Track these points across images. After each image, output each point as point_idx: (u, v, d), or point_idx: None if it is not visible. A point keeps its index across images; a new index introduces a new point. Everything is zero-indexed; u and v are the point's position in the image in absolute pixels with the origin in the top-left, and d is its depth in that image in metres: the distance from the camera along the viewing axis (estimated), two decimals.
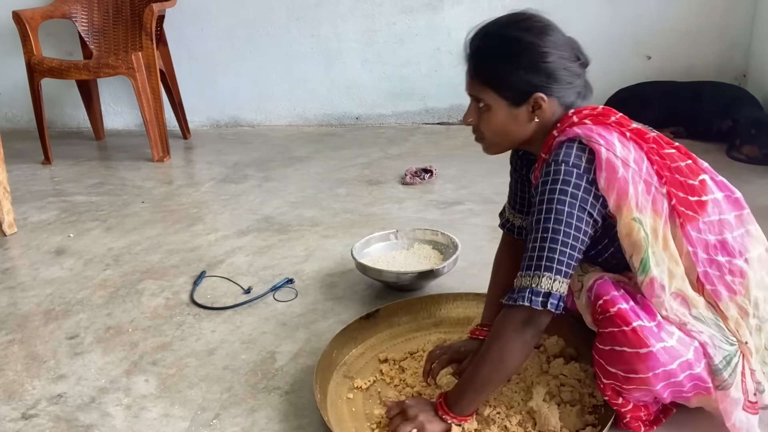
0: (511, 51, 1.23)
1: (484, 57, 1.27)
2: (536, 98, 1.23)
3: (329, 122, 4.05)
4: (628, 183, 1.17)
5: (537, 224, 1.18)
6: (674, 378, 1.18)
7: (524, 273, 1.19)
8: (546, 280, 1.16)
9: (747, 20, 3.58)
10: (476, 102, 1.28)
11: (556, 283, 1.16)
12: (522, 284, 1.19)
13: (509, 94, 1.24)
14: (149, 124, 3.33)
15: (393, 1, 3.79)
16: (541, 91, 1.22)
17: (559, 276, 1.16)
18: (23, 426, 1.44)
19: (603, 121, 1.23)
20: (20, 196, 2.87)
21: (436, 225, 2.34)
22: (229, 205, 2.76)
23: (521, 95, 1.23)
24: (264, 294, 1.97)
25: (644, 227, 1.18)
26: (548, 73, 1.22)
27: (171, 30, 3.68)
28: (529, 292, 1.17)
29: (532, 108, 1.24)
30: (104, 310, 1.93)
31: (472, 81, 1.29)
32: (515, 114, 1.25)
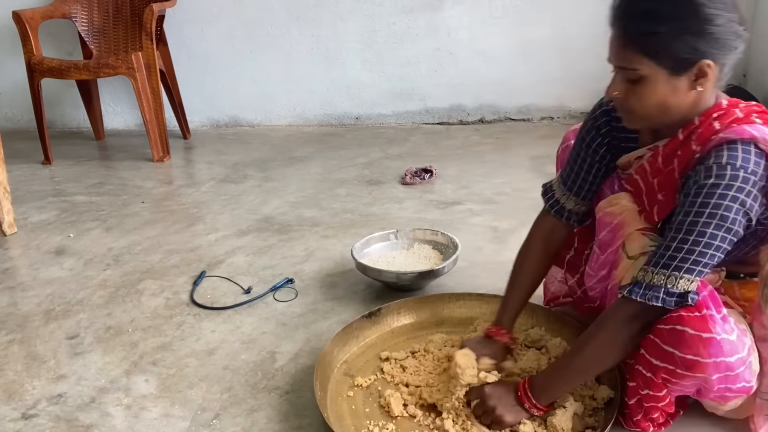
0: (677, 14, 1.07)
1: (643, 20, 1.10)
2: (701, 65, 1.09)
3: (329, 122, 4.05)
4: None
5: (691, 225, 1.09)
6: (730, 372, 1.12)
7: (659, 270, 1.12)
8: (684, 281, 1.11)
9: (747, 20, 3.58)
10: (626, 74, 1.15)
11: (693, 284, 1.12)
12: (654, 281, 1.12)
13: (672, 63, 1.09)
14: (149, 124, 3.33)
15: (393, 1, 3.79)
16: (708, 57, 1.08)
17: (698, 277, 1.11)
18: (23, 426, 1.44)
19: (752, 112, 1.14)
20: (20, 196, 2.87)
21: (436, 225, 2.35)
22: (229, 205, 2.76)
23: (685, 63, 1.09)
24: (264, 294, 1.97)
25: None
26: (716, 38, 1.07)
27: (171, 30, 3.68)
28: (664, 293, 1.11)
29: (695, 77, 1.11)
30: (104, 310, 1.93)
31: (624, 49, 1.13)
32: (675, 85, 1.11)
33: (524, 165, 3.12)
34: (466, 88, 3.92)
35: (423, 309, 1.71)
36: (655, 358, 1.17)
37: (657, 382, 1.19)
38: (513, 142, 3.53)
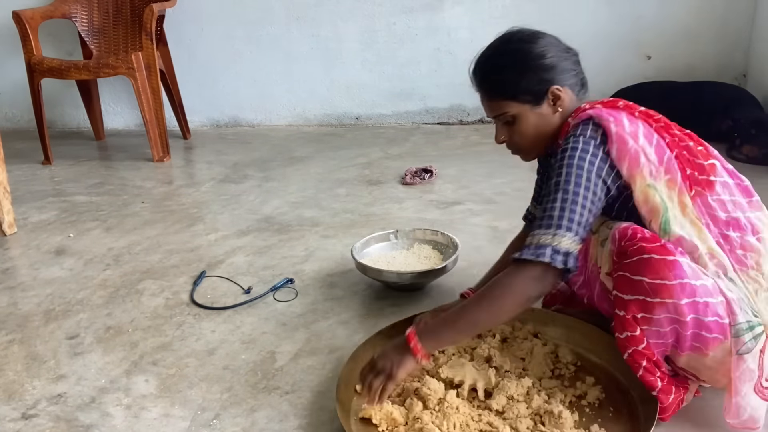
0: (515, 60, 1.35)
1: (494, 77, 1.38)
2: (553, 91, 1.34)
3: (329, 122, 4.06)
4: (639, 153, 1.25)
5: (556, 186, 1.25)
6: (697, 297, 1.18)
7: (543, 231, 1.22)
8: (566, 240, 1.21)
9: (747, 20, 3.58)
10: (501, 119, 1.41)
11: (574, 243, 1.21)
12: (541, 241, 1.22)
13: (528, 97, 1.35)
14: (149, 124, 3.33)
15: (393, 1, 3.79)
16: (554, 83, 1.34)
17: (577, 237, 1.21)
18: (23, 426, 1.44)
19: (612, 105, 1.35)
20: (20, 196, 2.87)
21: (436, 225, 2.35)
22: (229, 205, 2.76)
23: (539, 93, 1.35)
24: (264, 294, 1.97)
25: (659, 193, 1.25)
26: (553, 67, 1.34)
27: (171, 30, 3.69)
28: (551, 250, 1.20)
29: (552, 101, 1.36)
30: (104, 310, 1.93)
31: (491, 102, 1.40)
32: (540, 113, 1.37)
33: (524, 165, 3.08)
34: (466, 88, 3.82)
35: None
36: (626, 293, 1.23)
37: (628, 319, 1.23)
38: None
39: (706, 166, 1.30)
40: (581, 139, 1.27)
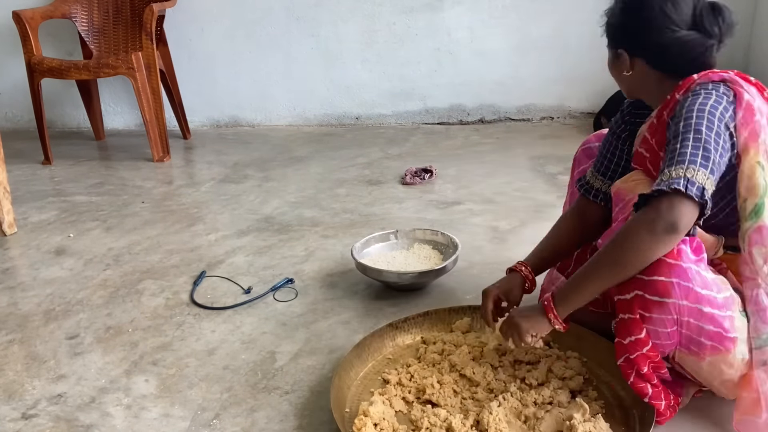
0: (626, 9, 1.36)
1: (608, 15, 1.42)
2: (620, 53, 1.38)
3: (329, 122, 4.05)
4: (761, 128, 1.21)
5: (685, 129, 1.17)
6: (700, 305, 1.16)
7: (675, 167, 1.12)
8: (701, 174, 1.11)
9: (747, 20, 3.58)
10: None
11: (709, 181, 1.12)
12: (673, 175, 1.11)
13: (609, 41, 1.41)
14: (149, 124, 3.33)
15: (393, 1, 3.79)
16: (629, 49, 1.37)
17: (712, 176, 1.13)
18: (23, 426, 1.44)
19: (744, 77, 1.28)
20: (20, 196, 2.87)
21: (436, 225, 2.35)
22: (229, 205, 2.76)
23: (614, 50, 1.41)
24: (264, 294, 1.97)
25: (765, 175, 1.19)
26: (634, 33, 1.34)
27: (171, 30, 3.69)
28: (686, 180, 1.10)
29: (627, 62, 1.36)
30: (104, 310, 1.93)
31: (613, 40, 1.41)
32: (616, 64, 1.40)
33: (524, 165, 3.12)
34: (466, 88, 3.92)
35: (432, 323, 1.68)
36: (628, 292, 1.21)
37: (635, 318, 1.20)
38: (513, 142, 3.53)
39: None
40: (713, 91, 1.22)
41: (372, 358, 1.55)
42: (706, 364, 1.23)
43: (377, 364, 1.54)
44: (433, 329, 1.65)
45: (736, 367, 1.22)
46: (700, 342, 1.20)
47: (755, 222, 1.19)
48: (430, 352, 1.55)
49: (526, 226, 2.36)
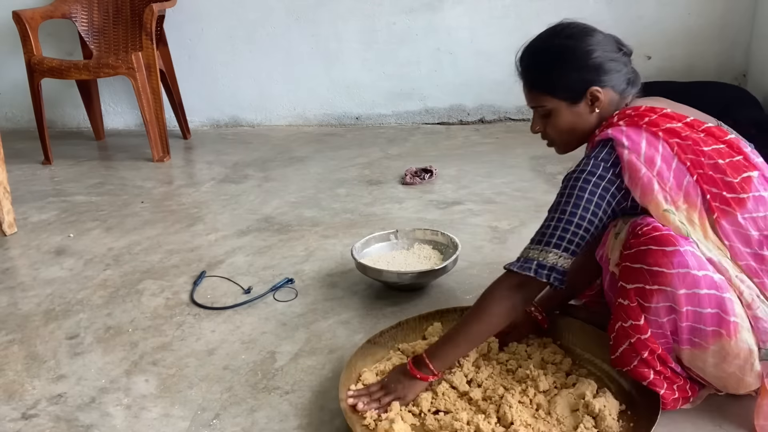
0: (560, 57, 1.36)
1: (536, 70, 1.39)
2: (592, 92, 1.34)
3: (329, 122, 4.05)
4: (652, 181, 1.25)
5: (557, 205, 1.30)
6: (697, 288, 1.19)
7: (533, 246, 1.31)
8: (553, 255, 1.27)
9: (747, 20, 3.58)
10: (539, 111, 1.41)
11: (562, 259, 1.27)
12: (529, 255, 1.30)
13: (567, 95, 1.36)
14: (149, 124, 3.33)
15: (393, 1, 3.79)
16: (594, 84, 1.34)
17: (566, 253, 1.27)
18: (23, 426, 1.44)
19: (636, 123, 1.31)
20: (20, 196, 2.87)
21: (436, 225, 2.35)
22: (229, 205, 2.76)
23: (578, 93, 1.35)
24: (264, 294, 1.97)
25: (678, 217, 1.25)
26: (596, 67, 1.34)
27: (171, 30, 3.68)
28: (537, 265, 1.28)
29: (590, 102, 1.36)
30: (104, 310, 1.93)
31: (531, 93, 1.41)
32: (576, 111, 1.37)
33: (524, 165, 3.12)
34: (466, 88, 3.92)
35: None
36: (627, 282, 1.26)
37: (633, 306, 1.24)
38: (513, 142, 3.53)
39: (737, 183, 1.24)
40: (592, 161, 1.29)
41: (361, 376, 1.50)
42: (712, 356, 1.23)
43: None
44: (406, 339, 1.60)
45: (742, 357, 1.23)
46: (700, 330, 1.21)
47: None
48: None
49: (526, 226, 2.36)
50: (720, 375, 1.27)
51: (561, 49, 1.36)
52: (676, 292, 1.19)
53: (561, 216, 1.28)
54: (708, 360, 1.24)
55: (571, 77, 1.34)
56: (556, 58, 1.36)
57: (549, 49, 1.38)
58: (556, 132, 1.41)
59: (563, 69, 1.35)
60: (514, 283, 1.31)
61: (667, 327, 1.24)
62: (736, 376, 1.26)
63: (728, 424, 1.33)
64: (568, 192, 1.28)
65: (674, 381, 1.29)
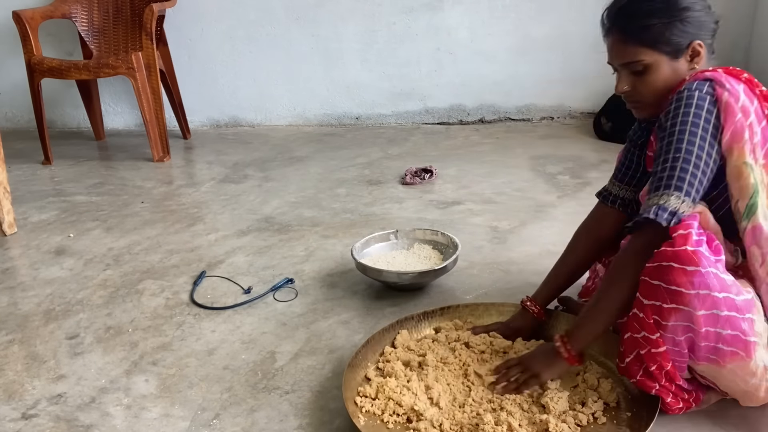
0: (664, 7, 1.27)
1: (636, 18, 1.29)
2: (694, 46, 1.28)
3: (329, 122, 4.06)
4: (744, 128, 1.21)
5: (669, 146, 1.22)
6: (717, 310, 1.15)
7: (652, 194, 1.22)
8: (675, 199, 1.19)
9: (747, 20, 3.58)
10: (631, 67, 1.31)
11: (684, 204, 1.19)
12: (649, 203, 1.22)
13: (669, 48, 1.28)
14: (149, 124, 3.33)
15: (393, 1, 3.79)
16: (697, 38, 1.28)
17: (688, 198, 1.20)
18: (23, 426, 1.44)
19: (734, 74, 1.28)
20: (20, 196, 2.87)
21: (436, 225, 2.35)
22: (229, 205, 2.76)
23: (680, 46, 1.28)
24: (264, 294, 1.97)
25: (755, 174, 1.22)
26: (698, 22, 1.28)
27: (171, 30, 3.69)
28: (656, 208, 1.20)
29: (690, 57, 1.30)
30: (104, 310, 1.93)
31: (626, 46, 1.31)
32: (675, 66, 1.30)
33: (524, 165, 3.12)
34: (466, 88, 3.92)
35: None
36: (645, 297, 1.21)
37: (649, 323, 1.21)
38: (513, 142, 3.53)
39: None
40: (696, 94, 1.23)
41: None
42: (727, 372, 1.21)
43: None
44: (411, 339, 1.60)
45: (759, 375, 1.21)
46: (718, 349, 1.19)
47: (748, 222, 1.22)
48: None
49: (526, 226, 2.36)
50: (734, 388, 1.26)
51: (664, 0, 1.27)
52: (694, 312, 1.15)
53: (677, 155, 1.20)
54: (723, 375, 1.23)
55: (677, 29, 1.26)
56: (662, 7, 1.27)
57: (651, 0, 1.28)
58: (650, 90, 1.31)
59: (670, 19, 1.26)
60: (640, 243, 1.23)
61: (684, 345, 1.21)
62: (750, 392, 1.24)
63: (728, 424, 1.32)
64: (680, 129, 1.21)
65: (679, 394, 1.28)
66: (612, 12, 1.33)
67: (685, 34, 1.27)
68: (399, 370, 1.44)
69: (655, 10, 1.27)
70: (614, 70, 1.37)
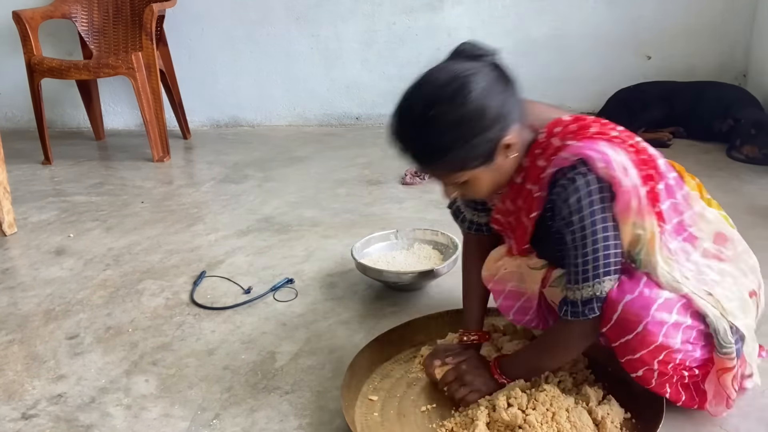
0: (458, 133, 1.13)
1: (434, 157, 1.17)
2: (504, 144, 1.17)
3: (329, 122, 4.05)
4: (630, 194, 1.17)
5: (583, 239, 1.18)
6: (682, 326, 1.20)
7: (582, 285, 1.21)
8: (608, 282, 1.20)
9: (747, 20, 3.58)
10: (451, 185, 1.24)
11: (613, 282, 1.21)
12: (585, 296, 1.21)
13: (480, 161, 1.17)
14: (149, 124, 3.33)
15: (393, 1, 3.79)
16: (504, 136, 1.16)
17: (616, 276, 1.21)
18: (23, 426, 1.44)
19: (584, 130, 1.21)
20: (20, 196, 2.86)
21: (436, 225, 2.34)
22: (229, 205, 2.76)
23: (490, 153, 1.17)
24: (264, 294, 1.97)
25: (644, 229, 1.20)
26: (496, 118, 1.14)
27: (171, 30, 3.68)
28: (597, 301, 1.21)
29: (504, 152, 1.19)
30: (104, 310, 1.93)
31: (436, 173, 1.23)
32: (494, 167, 1.20)
33: None
34: None
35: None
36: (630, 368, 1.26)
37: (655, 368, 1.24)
38: None
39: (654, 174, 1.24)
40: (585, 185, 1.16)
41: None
42: (707, 385, 1.30)
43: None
44: (414, 339, 1.60)
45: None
46: (696, 363, 1.25)
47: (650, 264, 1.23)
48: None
49: None
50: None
51: (452, 123, 1.12)
52: (672, 344, 1.19)
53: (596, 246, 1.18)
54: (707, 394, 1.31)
55: (479, 144, 1.14)
56: (455, 136, 1.12)
57: (437, 128, 1.13)
58: (480, 193, 1.25)
59: (468, 143, 1.13)
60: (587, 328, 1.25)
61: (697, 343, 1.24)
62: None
63: (728, 424, 1.33)
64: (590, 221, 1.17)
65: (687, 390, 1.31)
66: (406, 150, 1.19)
67: (489, 141, 1.14)
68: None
69: (449, 142, 1.13)
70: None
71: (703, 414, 1.34)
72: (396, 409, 1.40)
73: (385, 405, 1.42)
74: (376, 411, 1.40)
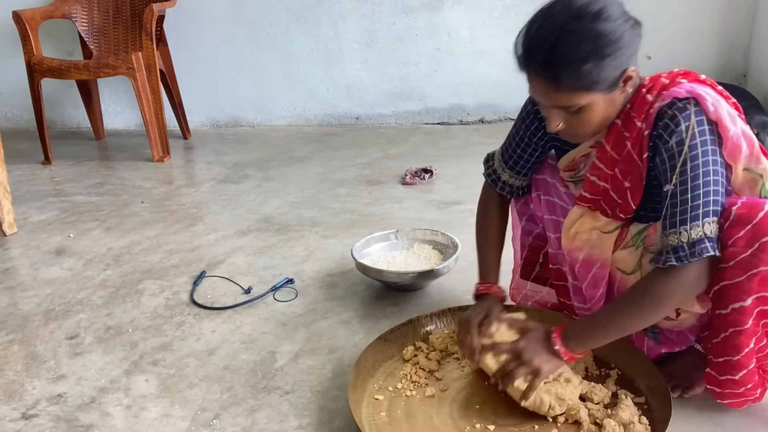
0: (594, 47, 1.13)
1: (568, 67, 1.15)
2: (628, 74, 1.20)
3: (329, 122, 4.05)
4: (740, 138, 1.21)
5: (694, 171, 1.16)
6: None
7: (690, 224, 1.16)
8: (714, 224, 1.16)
9: (747, 20, 3.58)
10: (563, 109, 1.21)
11: (714, 225, 1.16)
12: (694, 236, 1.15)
13: (604, 86, 1.18)
14: (149, 124, 3.33)
15: (393, 1, 3.79)
16: (630, 65, 1.19)
17: (715, 217, 1.17)
18: (23, 426, 1.44)
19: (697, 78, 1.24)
20: (20, 196, 2.87)
21: (436, 225, 2.34)
22: (229, 205, 2.76)
23: (615, 80, 1.19)
24: (264, 294, 1.97)
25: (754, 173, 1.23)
26: (629, 49, 1.18)
27: (171, 30, 3.68)
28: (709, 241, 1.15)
29: (623, 83, 1.21)
30: (104, 310, 1.93)
31: (556, 92, 1.18)
32: (611, 98, 1.22)
33: None
34: (466, 88, 3.92)
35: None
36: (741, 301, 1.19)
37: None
38: None
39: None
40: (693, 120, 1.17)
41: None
42: None
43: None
44: (416, 338, 1.59)
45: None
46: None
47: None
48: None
49: None
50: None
51: (593, 38, 1.13)
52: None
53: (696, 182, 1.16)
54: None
55: (609, 66, 1.15)
56: (592, 49, 1.13)
57: (579, 41, 1.13)
58: (587, 126, 1.24)
59: (602, 59, 1.14)
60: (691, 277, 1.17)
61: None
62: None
63: (728, 424, 1.33)
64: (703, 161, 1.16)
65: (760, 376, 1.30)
66: (537, 57, 1.17)
67: (618, 67, 1.17)
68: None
69: (586, 53, 1.13)
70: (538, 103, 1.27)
71: (703, 414, 1.34)
72: (403, 409, 1.39)
73: (391, 405, 1.40)
74: (383, 411, 1.38)
